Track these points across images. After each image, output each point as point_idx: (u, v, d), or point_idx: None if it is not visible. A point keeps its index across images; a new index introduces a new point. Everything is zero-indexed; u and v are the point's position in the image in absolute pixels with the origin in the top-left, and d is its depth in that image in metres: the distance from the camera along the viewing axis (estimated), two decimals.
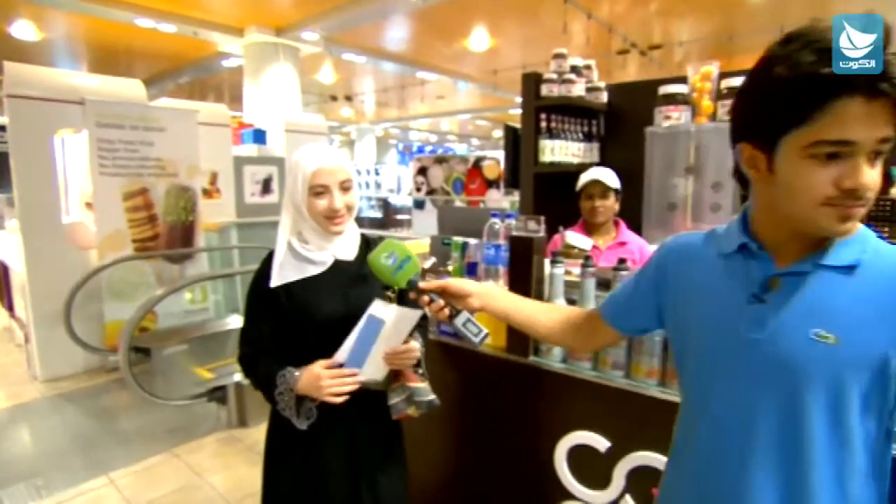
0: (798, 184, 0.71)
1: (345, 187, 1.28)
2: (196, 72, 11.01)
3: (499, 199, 7.46)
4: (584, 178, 2.32)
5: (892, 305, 0.71)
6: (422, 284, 1.14)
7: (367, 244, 1.41)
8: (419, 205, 8.06)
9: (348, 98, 14.95)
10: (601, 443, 1.48)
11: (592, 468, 1.50)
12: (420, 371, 1.38)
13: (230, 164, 5.48)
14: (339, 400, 1.22)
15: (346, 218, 1.30)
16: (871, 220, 2.56)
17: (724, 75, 2.65)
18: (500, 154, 7.82)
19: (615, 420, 1.47)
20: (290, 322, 1.29)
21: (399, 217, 10.20)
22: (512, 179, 3.85)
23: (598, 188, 2.26)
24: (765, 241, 0.80)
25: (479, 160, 7.60)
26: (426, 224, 7.77)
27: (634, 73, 10.32)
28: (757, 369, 0.78)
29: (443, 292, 1.12)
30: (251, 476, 2.81)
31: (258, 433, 3.26)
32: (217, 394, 3.32)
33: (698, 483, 0.88)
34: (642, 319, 1.00)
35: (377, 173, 13.44)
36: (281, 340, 1.30)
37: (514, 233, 1.68)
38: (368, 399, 1.31)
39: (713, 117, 2.67)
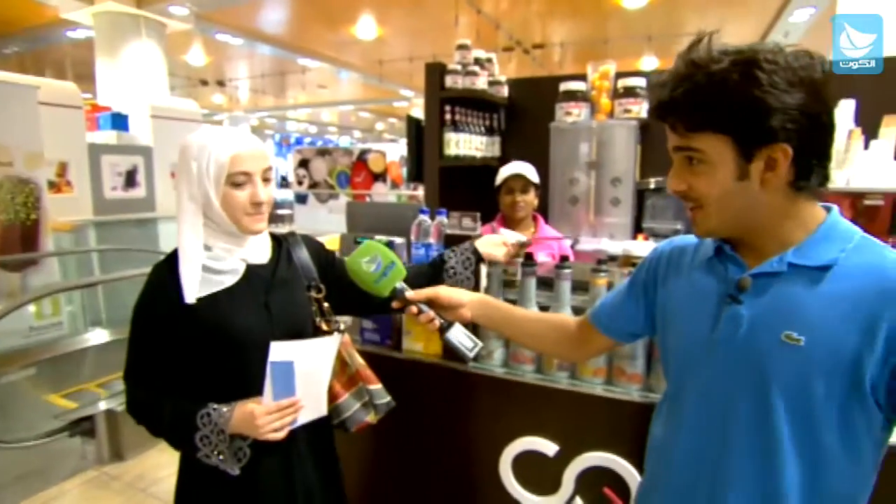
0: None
1: (266, 177, 1.08)
2: (29, 42, 9.38)
3: (385, 192, 7.35)
4: (504, 172, 2.29)
5: (862, 306, 0.70)
6: (409, 294, 1.02)
7: (279, 243, 1.22)
8: (301, 199, 7.69)
9: (220, 83, 13.82)
10: (549, 447, 1.43)
11: (541, 474, 1.45)
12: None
13: (84, 153, 4.71)
14: (280, 436, 1.03)
15: (267, 213, 1.11)
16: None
17: (619, 75, 2.79)
18: (385, 146, 7.72)
19: (562, 423, 1.43)
20: (199, 347, 1.06)
21: (280, 212, 9.63)
22: (416, 173, 3.74)
23: (520, 182, 2.24)
24: (740, 243, 0.81)
25: (363, 153, 7.42)
26: (311, 219, 7.44)
27: (517, 71, 10.74)
28: (730, 369, 0.79)
29: (432, 302, 1.04)
30: None
31: (139, 466, 2.80)
32: (82, 425, 2.80)
33: (681, 481, 0.88)
34: (634, 325, 0.99)
35: None
36: (189, 371, 1.07)
37: (449, 231, 1.57)
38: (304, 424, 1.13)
39: (611, 114, 2.80)
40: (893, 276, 0.70)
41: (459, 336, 1.04)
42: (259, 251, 1.15)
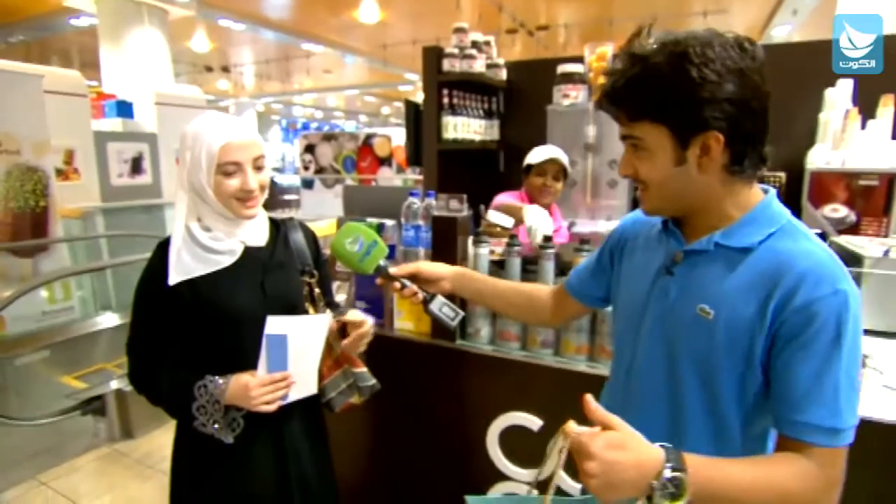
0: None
1: (258, 165, 1.12)
2: (34, 30, 9.40)
3: (391, 176, 7.34)
4: (539, 153, 2.26)
5: (764, 285, 0.74)
6: (392, 270, 1.08)
7: (277, 227, 1.26)
8: (308, 184, 7.70)
9: (225, 69, 13.79)
10: (534, 422, 1.48)
11: (526, 447, 1.51)
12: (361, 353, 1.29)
13: (90, 141, 4.76)
14: (272, 408, 1.08)
15: (259, 200, 1.15)
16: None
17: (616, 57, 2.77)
18: (391, 131, 7.69)
19: (547, 399, 1.47)
20: (197, 323, 1.11)
21: (286, 197, 9.66)
22: (415, 157, 3.76)
23: (554, 168, 2.23)
24: (683, 221, 0.86)
25: (369, 137, 7.40)
26: (317, 204, 7.46)
27: (521, 53, 10.62)
28: (653, 338, 0.86)
29: (414, 277, 1.10)
30: (142, 494, 2.50)
31: (148, 444, 2.90)
32: (93, 405, 2.90)
33: None
34: (601, 290, 1.06)
35: None
36: (187, 345, 1.12)
37: (436, 212, 1.61)
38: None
39: None
40: (794, 261, 0.73)
41: (442, 307, 1.10)
42: (257, 234, 1.19)
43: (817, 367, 0.71)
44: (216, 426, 1.08)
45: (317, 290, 1.24)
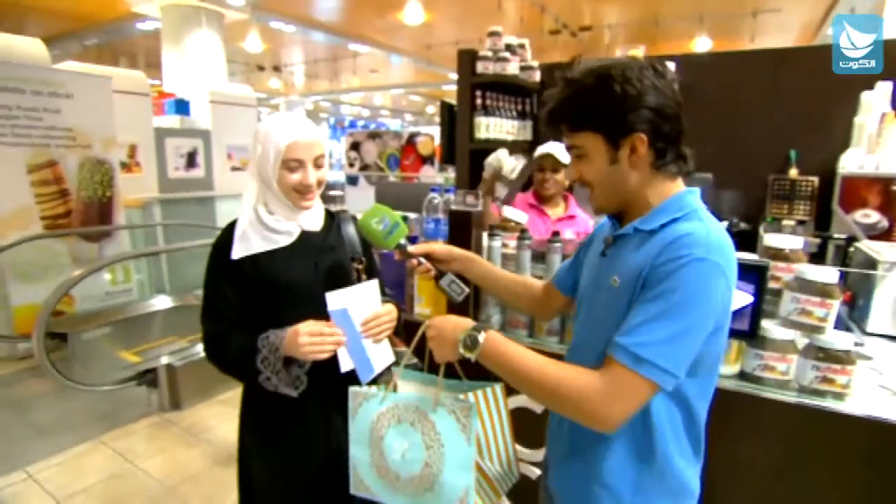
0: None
1: (318, 163, 1.25)
2: (105, 34, 10.09)
3: (433, 174, 7.48)
4: (539, 150, 2.40)
5: (646, 255, 0.88)
6: (411, 248, 1.21)
7: (331, 217, 1.40)
8: (352, 181, 7.92)
9: (276, 69, 14.29)
10: (537, 405, 1.58)
11: (529, 429, 1.61)
12: (400, 333, 1.40)
13: (151, 137, 5.14)
14: (323, 355, 1.17)
15: (317, 193, 1.29)
16: (774, 198, 2.83)
17: (664, 58, 2.80)
18: (435, 130, 7.82)
19: None
20: (257, 294, 1.25)
21: (332, 193, 9.92)
22: (448, 156, 3.88)
23: (550, 161, 2.35)
24: (624, 214, 0.99)
25: (413, 136, 7.54)
26: (360, 200, 7.67)
27: (564, 55, 10.57)
28: (588, 304, 1.02)
29: (428, 256, 1.23)
30: (188, 459, 2.75)
31: (194, 415, 3.17)
32: (147, 377, 3.18)
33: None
34: (574, 279, 1.16)
35: None
36: (250, 313, 1.25)
37: (454, 207, 1.73)
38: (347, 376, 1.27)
39: None
40: (673, 234, 0.86)
41: (451, 283, 1.23)
42: (314, 220, 1.34)
43: (653, 311, 0.83)
44: (279, 377, 1.17)
45: (364, 277, 1.35)
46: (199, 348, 3.37)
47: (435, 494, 1.03)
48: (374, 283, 1.29)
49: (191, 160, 5.53)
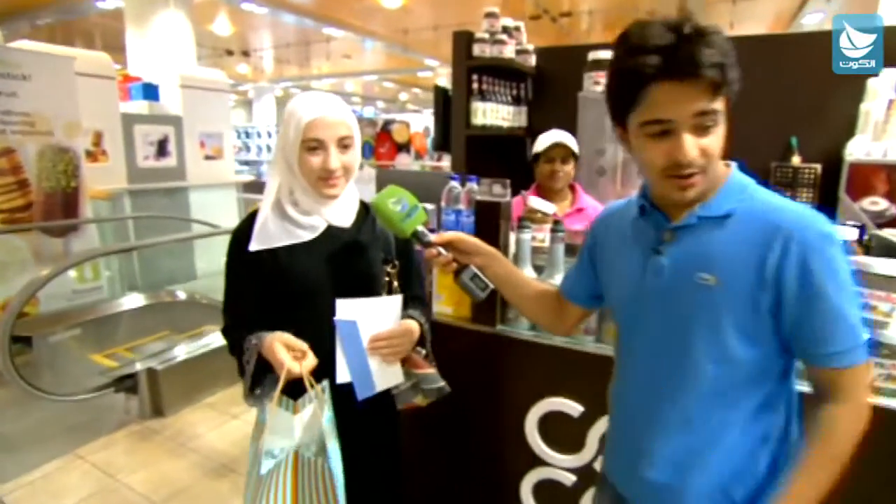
0: (642, 157, 0.83)
1: (344, 144, 1.12)
2: (60, 13, 9.48)
3: (409, 163, 7.32)
4: (544, 140, 2.25)
5: (754, 248, 0.80)
6: (431, 237, 1.07)
7: (367, 211, 1.26)
8: None
9: (245, 53, 13.78)
10: (574, 408, 1.48)
11: (565, 433, 1.51)
12: (425, 354, 1.28)
13: (118, 123, 4.81)
14: (295, 373, 1.05)
15: (343, 180, 1.15)
16: (776, 185, 2.80)
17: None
18: (408, 117, 7.66)
19: (587, 385, 1.46)
20: (275, 290, 1.14)
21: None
22: (442, 142, 3.74)
23: (561, 152, 2.21)
24: (659, 202, 0.89)
25: (387, 123, 7.36)
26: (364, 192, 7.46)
27: (545, 40, 10.48)
28: (658, 315, 0.89)
29: (450, 246, 1.09)
30: (176, 471, 2.55)
31: (178, 422, 2.95)
32: (126, 383, 2.95)
33: (626, 426, 1.00)
34: (592, 288, 1.07)
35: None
36: (268, 312, 1.15)
37: (479, 197, 1.60)
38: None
39: None
40: (775, 220, 0.80)
41: (473, 278, 1.09)
42: (343, 214, 1.20)
43: (829, 308, 0.78)
44: (251, 381, 1.12)
45: (395, 283, 1.22)
46: (181, 349, 3.17)
47: None
48: (396, 300, 1.17)
49: (161, 148, 5.22)
